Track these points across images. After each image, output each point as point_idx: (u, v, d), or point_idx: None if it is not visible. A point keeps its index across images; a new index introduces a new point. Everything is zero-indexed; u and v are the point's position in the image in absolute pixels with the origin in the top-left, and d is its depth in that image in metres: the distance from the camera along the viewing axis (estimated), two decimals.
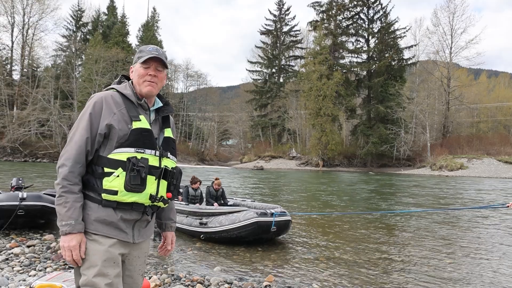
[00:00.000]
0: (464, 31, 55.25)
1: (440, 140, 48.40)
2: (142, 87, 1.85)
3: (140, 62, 1.84)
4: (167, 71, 1.95)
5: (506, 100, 61.46)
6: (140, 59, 1.85)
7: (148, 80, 1.84)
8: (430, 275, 5.05)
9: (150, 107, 1.91)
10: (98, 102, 1.77)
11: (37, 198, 6.40)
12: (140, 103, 1.85)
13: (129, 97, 1.83)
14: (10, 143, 42.63)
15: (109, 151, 1.74)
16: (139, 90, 1.86)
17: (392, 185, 22.38)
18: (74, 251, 1.68)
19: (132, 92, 1.85)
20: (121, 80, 1.95)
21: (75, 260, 1.70)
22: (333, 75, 47.10)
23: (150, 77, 1.84)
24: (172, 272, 4.80)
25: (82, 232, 1.71)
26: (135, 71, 1.88)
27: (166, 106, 1.97)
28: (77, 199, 1.70)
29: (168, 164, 1.86)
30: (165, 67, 1.90)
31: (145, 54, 1.84)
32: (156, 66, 1.86)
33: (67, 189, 1.69)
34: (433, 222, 9.24)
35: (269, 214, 6.30)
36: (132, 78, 1.90)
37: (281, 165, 50.17)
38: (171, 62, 67.67)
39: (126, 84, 1.89)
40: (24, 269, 4.62)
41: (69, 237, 1.68)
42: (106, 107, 1.77)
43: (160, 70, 1.88)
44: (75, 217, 1.68)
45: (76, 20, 59.49)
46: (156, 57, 1.84)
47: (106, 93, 1.83)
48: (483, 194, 17.23)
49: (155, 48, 1.87)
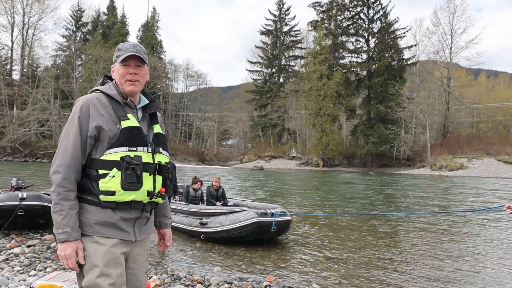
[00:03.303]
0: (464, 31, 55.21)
1: (440, 140, 48.39)
2: (124, 86, 1.84)
3: (119, 62, 1.83)
4: (148, 65, 1.93)
5: (506, 100, 61.43)
6: (118, 58, 1.83)
7: (129, 80, 1.83)
8: (430, 275, 5.05)
9: (136, 105, 1.90)
10: (84, 106, 1.76)
11: (37, 198, 6.39)
12: (126, 102, 1.84)
13: (114, 97, 1.82)
14: (10, 143, 42.69)
15: (102, 153, 1.74)
16: (122, 89, 1.85)
17: (392, 185, 22.37)
18: (70, 259, 1.68)
19: (117, 92, 1.84)
20: (104, 81, 1.94)
21: (71, 268, 1.71)
22: (333, 75, 47.12)
23: (131, 75, 1.83)
24: (172, 272, 4.80)
25: (79, 240, 1.70)
26: (116, 70, 1.86)
27: (152, 103, 1.96)
28: (73, 206, 1.69)
29: (162, 160, 1.87)
30: (145, 63, 1.88)
31: (123, 53, 1.83)
32: (135, 63, 1.84)
33: (62, 196, 1.68)
34: (432, 223, 9.24)
35: (270, 214, 6.30)
36: (114, 78, 1.89)
37: (281, 165, 50.17)
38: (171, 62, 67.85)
39: (110, 85, 1.88)
40: (24, 269, 4.61)
41: (65, 245, 1.68)
42: (93, 109, 1.75)
43: (140, 67, 1.86)
44: (71, 225, 1.68)
45: (76, 20, 59.57)
46: (134, 55, 1.82)
47: (91, 96, 1.81)
48: (483, 194, 17.23)
49: (132, 45, 1.86)
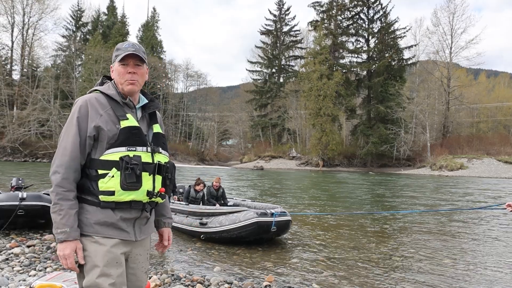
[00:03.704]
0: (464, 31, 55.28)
1: (440, 140, 48.39)
2: (123, 86, 1.83)
3: (118, 61, 1.83)
4: (147, 65, 1.93)
5: (506, 100, 61.43)
6: (117, 57, 1.83)
7: (128, 79, 1.82)
8: (430, 275, 5.05)
9: (136, 104, 1.90)
10: (83, 106, 1.75)
11: (37, 198, 6.39)
12: (125, 101, 1.84)
13: (113, 97, 1.82)
14: (10, 143, 42.68)
15: (101, 153, 1.74)
16: (121, 89, 1.84)
17: (392, 185, 22.37)
18: (69, 259, 1.68)
19: (116, 92, 1.84)
20: (103, 81, 1.94)
21: (70, 268, 1.70)
22: (333, 75, 47.12)
23: (130, 75, 1.82)
24: (172, 272, 4.80)
25: (78, 239, 1.70)
26: (115, 70, 1.86)
27: (151, 103, 1.96)
28: (72, 206, 1.69)
29: (161, 159, 1.86)
30: (144, 62, 1.88)
31: (122, 52, 1.82)
32: (134, 62, 1.84)
33: (61, 196, 1.68)
34: (432, 223, 9.24)
35: (269, 214, 6.30)
36: (114, 78, 1.89)
37: (281, 165, 50.16)
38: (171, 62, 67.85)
39: (109, 84, 1.88)
40: (24, 269, 4.62)
41: (64, 245, 1.68)
42: (92, 109, 1.75)
43: (139, 66, 1.85)
44: (70, 225, 1.67)
45: (76, 20, 59.57)
46: (133, 54, 1.82)
47: (90, 96, 1.81)
48: (483, 194, 17.23)
49: (131, 44, 1.86)
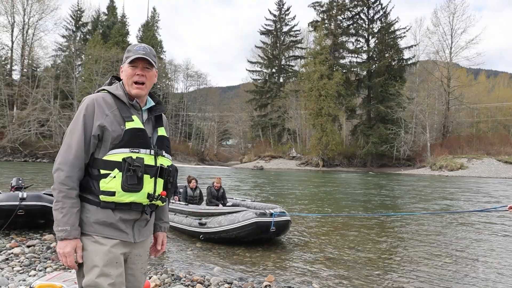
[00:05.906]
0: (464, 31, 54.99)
1: (440, 140, 48.37)
2: (131, 88, 1.84)
3: (127, 62, 1.84)
4: (156, 68, 1.94)
5: (506, 100, 61.42)
6: (128, 59, 1.84)
7: (136, 81, 1.83)
8: (430, 275, 5.05)
9: (142, 106, 1.90)
10: (90, 105, 1.76)
11: (37, 198, 6.39)
12: (132, 103, 1.84)
13: (120, 97, 1.83)
14: (10, 143, 42.67)
15: (104, 153, 1.74)
16: (128, 90, 1.85)
17: (392, 185, 22.37)
18: (69, 258, 1.69)
19: (123, 93, 1.85)
20: (112, 81, 1.95)
21: (69, 266, 1.71)
22: (334, 75, 47.12)
23: (138, 76, 1.83)
24: (172, 272, 4.80)
25: (78, 238, 1.71)
26: (124, 71, 1.87)
27: (158, 105, 1.96)
28: (74, 204, 1.70)
29: (164, 163, 1.86)
30: (153, 66, 1.89)
31: (132, 54, 1.84)
32: (143, 65, 1.85)
33: (64, 194, 1.68)
34: (432, 223, 9.24)
35: (268, 214, 6.29)
36: (122, 78, 1.90)
37: (281, 165, 50.14)
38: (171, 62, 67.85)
39: (117, 85, 1.89)
40: (24, 269, 4.62)
41: (64, 243, 1.68)
42: (98, 109, 1.76)
43: (148, 69, 1.87)
44: (71, 223, 1.68)
45: (75, 20, 59.48)
46: (142, 57, 1.83)
47: (98, 95, 1.82)
48: (483, 194, 17.23)
49: (142, 47, 1.86)
